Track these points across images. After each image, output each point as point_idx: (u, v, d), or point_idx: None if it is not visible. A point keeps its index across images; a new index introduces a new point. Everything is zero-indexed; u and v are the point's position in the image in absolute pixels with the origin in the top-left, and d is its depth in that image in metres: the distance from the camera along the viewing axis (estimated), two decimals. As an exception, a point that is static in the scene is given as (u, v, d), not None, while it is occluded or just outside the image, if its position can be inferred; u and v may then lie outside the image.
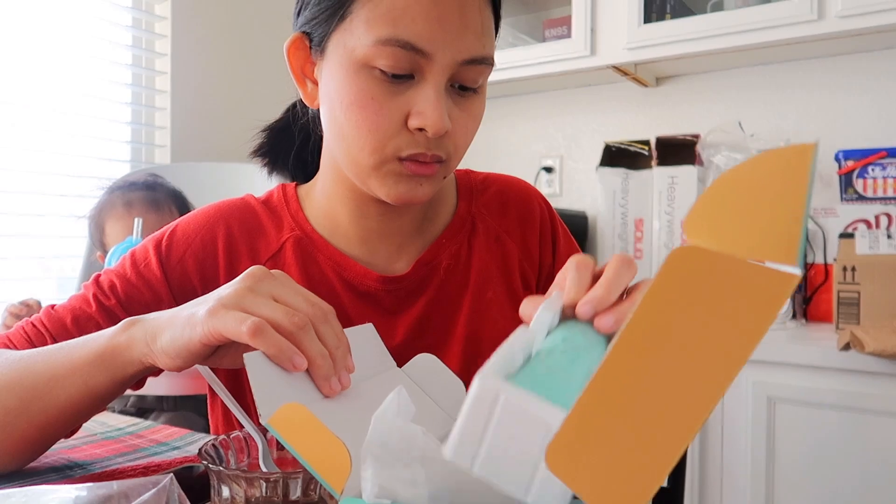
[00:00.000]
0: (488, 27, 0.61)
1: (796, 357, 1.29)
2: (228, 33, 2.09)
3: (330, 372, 0.46)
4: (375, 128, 0.59)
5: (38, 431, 0.57)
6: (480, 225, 0.75)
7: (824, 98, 1.77)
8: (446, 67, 0.58)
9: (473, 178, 0.78)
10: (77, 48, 1.77)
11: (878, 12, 1.45)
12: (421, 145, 0.59)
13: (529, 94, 2.19)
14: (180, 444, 0.71)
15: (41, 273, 1.74)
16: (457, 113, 0.61)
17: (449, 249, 0.72)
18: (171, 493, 0.44)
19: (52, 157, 1.73)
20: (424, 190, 0.63)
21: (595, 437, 0.27)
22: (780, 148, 0.27)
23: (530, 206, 0.77)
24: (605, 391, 0.27)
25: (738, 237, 0.27)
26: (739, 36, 1.61)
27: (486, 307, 0.72)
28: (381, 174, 0.62)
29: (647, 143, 1.89)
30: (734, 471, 1.36)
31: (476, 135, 0.68)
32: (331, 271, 0.70)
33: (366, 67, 0.58)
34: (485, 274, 0.73)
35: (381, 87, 0.58)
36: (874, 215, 1.59)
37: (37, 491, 0.44)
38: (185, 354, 0.51)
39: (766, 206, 0.27)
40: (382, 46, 0.57)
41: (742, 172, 0.27)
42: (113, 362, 0.54)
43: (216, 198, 1.21)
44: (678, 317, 0.27)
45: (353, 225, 0.70)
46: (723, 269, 0.27)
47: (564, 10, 1.90)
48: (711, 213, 0.28)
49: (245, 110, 2.11)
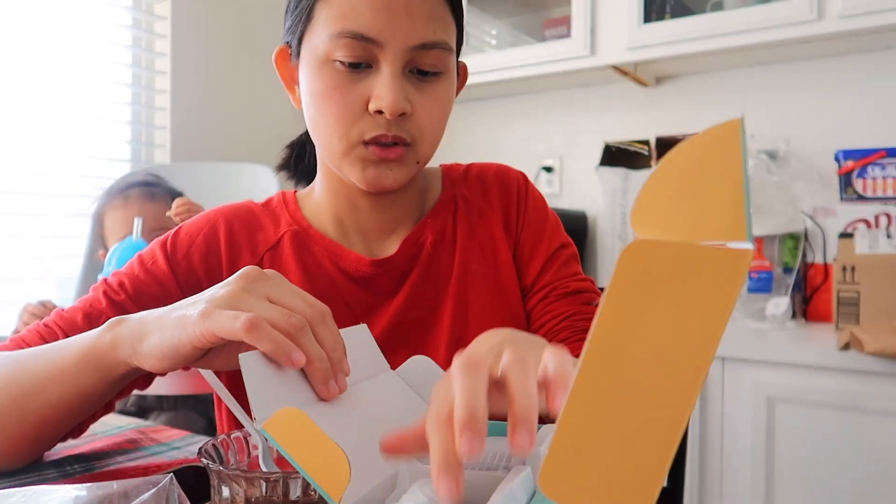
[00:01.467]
0: (439, 14, 0.64)
1: (796, 357, 1.29)
2: (228, 33, 2.09)
3: (328, 375, 0.45)
4: (340, 115, 0.64)
5: (33, 430, 0.57)
6: (462, 204, 0.78)
7: (824, 98, 1.77)
8: (399, 53, 0.63)
9: (456, 168, 0.82)
10: (77, 48, 1.77)
11: (878, 12, 1.45)
12: (382, 127, 0.64)
13: (529, 94, 2.19)
14: (180, 444, 0.71)
15: (41, 273, 1.74)
16: (418, 97, 0.65)
17: (433, 227, 0.75)
18: (171, 493, 0.44)
19: (52, 157, 1.73)
20: (395, 175, 0.66)
21: (585, 453, 0.27)
22: (709, 129, 0.26)
23: (508, 181, 0.80)
24: (585, 405, 0.27)
25: (684, 223, 0.27)
26: (739, 36, 1.61)
27: (472, 278, 0.74)
28: (350, 160, 0.66)
29: (646, 142, 1.90)
30: (734, 471, 1.36)
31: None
32: (326, 260, 0.73)
33: (328, 62, 0.64)
34: (469, 247, 0.75)
35: (342, 78, 0.64)
36: (874, 215, 1.59)
37: (37, 491, 0.44)
38: (174, 356, 0.50)
39: (707, 187, 0.26)
40: (337, 39, 0.63)
41: (676, 159, 0.27)
42: (100, 363, 0.54)
43: (216, 198, 1.21)
44: (642, 315, 0.27)
45: (348, 217, 0.74)
46: (676, 258, 0.26)
47: (564, 10, 1.90)
48: (655, 203, 0.27)
49: (245, 110, 2.12)
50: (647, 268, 0.26)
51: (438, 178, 0.81)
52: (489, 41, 2.18)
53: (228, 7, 2.09)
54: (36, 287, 1.72)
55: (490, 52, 2.07)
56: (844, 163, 1.65)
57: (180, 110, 1.96)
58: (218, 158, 1.98)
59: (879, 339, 1.20)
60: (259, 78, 2.15)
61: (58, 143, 1.74)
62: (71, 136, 1.77)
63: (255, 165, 1.73)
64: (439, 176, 0.81)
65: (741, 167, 0.26)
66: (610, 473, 0.27)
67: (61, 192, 1.74)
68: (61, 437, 0.61)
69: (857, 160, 1.63)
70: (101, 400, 0.58)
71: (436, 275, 0.74)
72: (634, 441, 0.26)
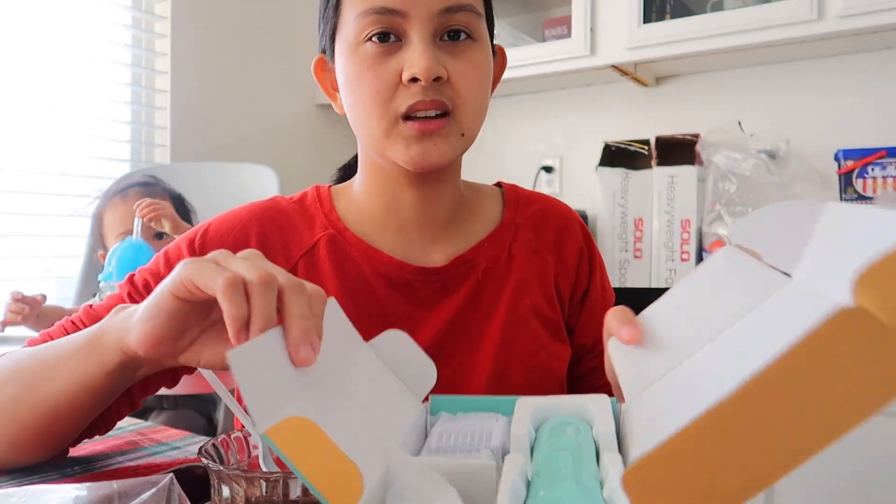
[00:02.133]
0: None
1: (796, 357, 1.29)
2: (228, 33, 2.09)
3: (305, 337, 0.41)
4: (375, 92, 0.63)
5: (44, 422, 0.57)
6: (522, 236, 0.75)
7: (824, 98, 1.77)
8: (425, 21, 0.62)
9: (521, 192, 0.80)
10: (77, 48, 1.77)
11: (878, 12, 1.45)
12: (418, 94, 0.62)
13: (529, 93, 2.19)
14: (180, 444, 0.71)
15: (41, 273, 1.74)
16: (452, 62, 0.64)
17: (489, 253, 0.73)
18: (171, 493, 0.44)
19: (52, 157, 1.73)
20: (440, 150, 0.64)
21: (681, 468, 0.28)
22: None
23: (570, 225, 0.78)
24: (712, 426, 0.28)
25: None
26: (739, 36, 1.61)
27: (524, 315, 0.72)
28: (392, 140, 0.64)
29: (646, 142, 1.89)
30: (734, 470, 1.36)
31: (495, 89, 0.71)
32: (366, 265, 0.70)
33: (358, 45, 0.64)
34: (524, 283, 0.73)
35: (374, 56, 0.63)
36: (874, 215, 1.58)
37: (36, 490, 0.44)
38: (155, 313, 0.48)
39: None
40: (364, 18, 0.63)
41: None
42: (95, 350, 0.53)
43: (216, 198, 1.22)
44: (816, 371, 0.27)
45: (388, 216, 0.72)
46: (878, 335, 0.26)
47: (564, 10, 1.90)
48: (888, 277, 0.26)
49: (245, 110, 2.12)
50: (850, 334, 0.26)
51: (498, 199, 0.78)
52: (489, 41, 2.18)
53: (228, 7, 2.09)
54: (36, 287, 1.72)
55: (490, 51, 2.07)
56: (844, 163, 1.65)
57: (180, 110, 1.96)
58: (218, 158, 1.98)
59: (879, 339, 1.19)
60: (259, 78, 2.15)
61: (58, 142, 1.74)
62: (71, 135, 1.77)
63: (255, 165, 1.73)
64: (499, 197, 0.78)
65: None
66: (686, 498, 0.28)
67: (61, 192, 1.74)
68: (75, 432, 0.60)
69: (857, 160, 1.63)
70: (103, 394, 0.56)
71: (482, 303, 0.72)
72: (725, 477, 0.27)
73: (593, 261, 0.79)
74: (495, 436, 0.43)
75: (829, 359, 0.26)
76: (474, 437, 0.43)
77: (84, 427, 0.60)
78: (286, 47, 2.25)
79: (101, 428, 0.64)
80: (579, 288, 0.77)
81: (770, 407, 0.27)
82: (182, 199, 1.50)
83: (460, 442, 0.43)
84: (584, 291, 0.77)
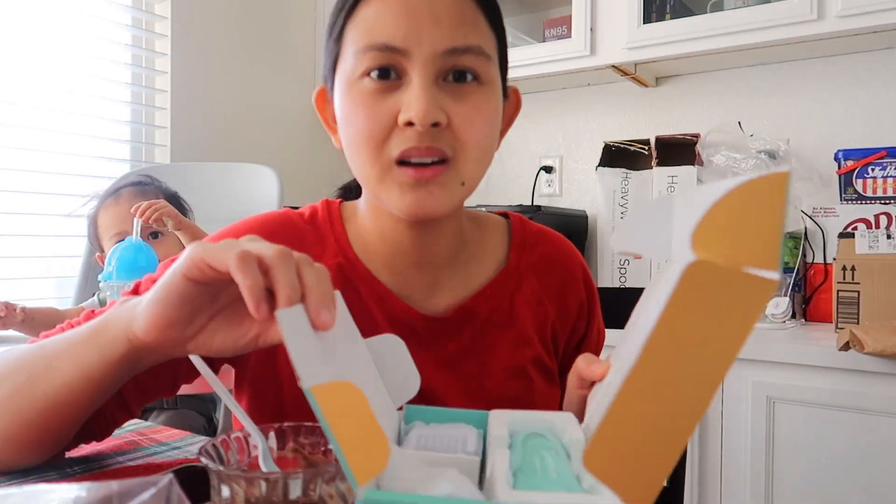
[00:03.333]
0: (469, 18, 0.61)
1: (796, 357, 1.29)
2: (228, 33, 2.09)
3: (321, 304, 0.43)
4: (370, 133, 0.60)
5: (39, 416, 0.56)
6: (526, 285, 0.73)
7: (824, 98, 1.77)
8: (427, 61, 0.59)
9: (528, 229, 0.77)
10: (77, 48, 1.77)
11: (878, 12, 1.45)
12: (413, 139, 0.59)
13: (529, 93, 2.19)
14: (180, 444, 0.71)
15: (41, 273, 1.74)
16: (454, 106, 0.60)
17: (491, 302, 0.71)
18: (171, 493, 0.43)
19: (52, 157, 1.73)
20: (437, 199, 0.60)
21: (622, 437, 0.33)
22: (762, 175, 0.33)
23: (574, 274, 0.77)
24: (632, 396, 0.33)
25: (732, 251, 0.32)
26: (739, 36, 1.61)
27: (523, 366, 0.71)
28: (387, 185, 0.61)
29: (646, 142, 1.89)
30: (734, 470, 1.36)
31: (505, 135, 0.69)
32: (372, 303, 0.68)
33: (357, 81, 0.61)
34: (524, 333, 0.72)
35: (371, 93, 0.60)
36: (874, 215, 1.59)
37: (36, 490, 0.44)
38: (166, 298, 0.48)
39: (753, 224, 0.32)
40: (364, 54, 0.60)
41: (735, 195, 0.33)
42: (100, 339, 0.53)
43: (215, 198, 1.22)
44: (691, 322, 0.32)
45: (388, 255, 0.69)
46: (723, 277, 0.32)
47: (564, 10, 1.90)
48: (712, 231, 0.33)
49: (245, 110, 2.12)
50: (702, 282, 0.32)
51: (503, 236, 0.76)
52: (489, 41, 2.18)
53: (228, 7, 2.09)
54: (36, 287, 1.72)
55: (490, 51, 2.07)
56: (844, 163, 1.65)
57: (180, 110, 1.96)
58: (218, 158, 1.98)
59: (879, 339, 1.20)
60: (259, 78, 2.15)
61: (58, 142, 1.74)
62: (71, 135, 1.77)
63: (255, 165, 1.73)
64: (504, 232, 0.76)
65: (782, 213, 0.32)
66: (637, 458, 0.33)
67: (61, 192, 1.74)
68: (72, 430, 0.59)
69: (857, 160, 1.63)
70: (104, 386, 0.56)
71: (480, 350, 0.71)
72: (657, 432, 0.33)
73: (592, 309, 0.78)
74: (470, 442, 0.45)
75: (694, 308, 0.33)
76: (451, 441, 0.45)
77: (79, 425, 0.60)
78: (286, 47, 2.25)
79: (96, 434, 0.63)
80: (576, 335, 0.77)
81: (667, 358, 0.33)
82: (178, 198, 1.49)
83: (437, 444, 0.45)
84: (580, 338, 0.77)
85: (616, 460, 0.33)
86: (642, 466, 0.33)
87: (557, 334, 0.76)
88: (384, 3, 0.60)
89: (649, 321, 0.34)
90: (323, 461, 0.50)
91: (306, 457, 0.50)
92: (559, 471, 0.38)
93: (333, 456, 0.49)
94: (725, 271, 0.32)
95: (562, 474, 0.38)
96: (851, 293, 1.41)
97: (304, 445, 0.50)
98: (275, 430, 0.50)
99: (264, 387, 0.70)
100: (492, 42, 0.63)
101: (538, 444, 0.42)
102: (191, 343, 0.51)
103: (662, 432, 0.33)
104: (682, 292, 0.32)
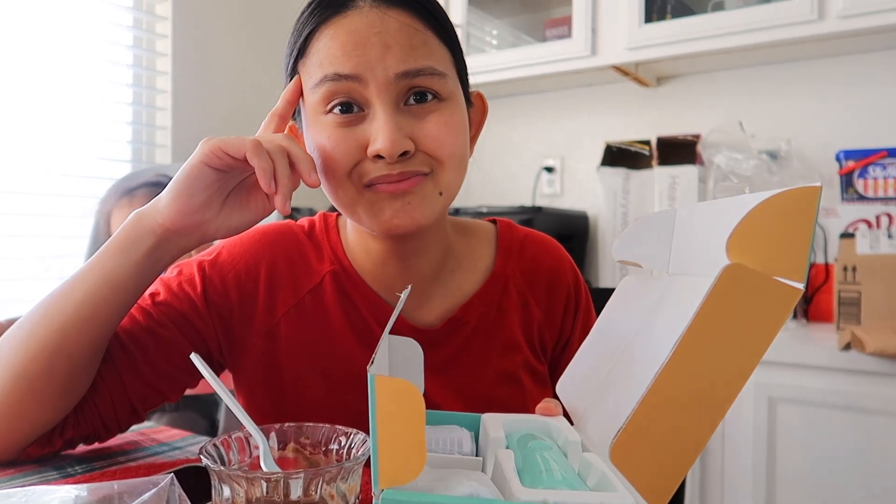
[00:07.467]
0: (419, 41, 0.60)
1: (797, 357, 1.29)
2: (229, 33, 2.09)
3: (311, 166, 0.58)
4: (338, 166, 0.61)
5: (57, 336, 0.59)
6: (513, 288, 0.74)
7: (825, 98, 1.77)
8: (383, 86, 0.59)
9: (515, 234, 0.77)
10: (78, 48, 1.77)
11: (879, 12, 1.45)
12: (383, 169, 0.60)
13: (530, 94, 2.19)
14: (182, 444, 0.71)
15: (41, 273, 1.74)
16: (421, 128, 0.60)
17: (479, 310, 0.72)
18: (171, 493, 0.44)
19: (53, 157, 1.73)
20: (417, 209, 0.61)
21: (649, 433, 0.35)
22: (794, 189, 0.35)
23: (561, 276, 0.77)
24: (663, 391, 0.34)
25: (765, 259, 0.35)
26: (740, 36, 1.61)
27: (514, 372, 0.72)
28: (362, 207, 0.62)
29: (647, 143, 1.89)
30: (735, 470, 1.36)
31: (476, 140, 0.68)
32: (367, 312, 0.69)
33: (319, 115, 0.62)
34: (513, 339, 0.73)
35: (336, 127, 0.61)
36: (875, 215, 1.59)
37: (37, 491, 0.44)
38: (185, 183, 0.57)
39: (783, 234, 0.35)
40: (320, 87, 0.61)
41: (767, 206, 0.35)
42: (123, 243, 0.60)
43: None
44: (722, 323, 0.34)
45: (376, 270, 0.70)
46: (755, 281, 0.34)
47: (565, 10, 1.90)
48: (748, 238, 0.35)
49: (246, 110, 2.12)
50: (737, 284, 0.34)
51: (490, 243, 0.76)
52: (490, 41, 2.18)
53: (229, 7, 2.09)
54: (36, 287, 1.72)
55: (491, 52, 2.07)
56: (845, 163, 1.65)
57: (181, 110, 1.96)
58: (219, 158, 1.98)
59: (880, 339, 1.20)
60: (260, 78, 2.16)
61: (59, 143, 1.74)
62: (72, 136, 1.77)
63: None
64: (492, 239, 0.76)
65: (811, 225, 0.35)
66: (658, 455, 0.35)
67: (62, 192, 1.74)
68: (89, 358, 0.60)
69: (858, 160, 1.63)
70: (130, 290, 0.60)
71: (470, 358, 0.71)
72: (681, 430, 0.35)
73: (578, 309, 0.78)
74: (465, 444, 0.46)
75: (728, 308, 0.34)
76: (446, 443, 0.46)
77: (97, 356, 0.61)
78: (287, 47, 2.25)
79: (101, 435, 0.64)
80: (563, 337, 0.77)
81: (699, 357, 0.34)
82: None
83: (433, 446, 0.45)
84: (566, 341, 0.78)
85: (641, 456, 0.34)
86: (664, 464, 0.34)
87: (545, 335, 0.76)
88: (333, 37, 0.60)
89: (678, 321, 0.35)
90: (324, 461, 0.50)
91: (307, 457, 0.50)
92: (563, 471, 0.39)
93: (334, 456, 0.49)
94: (759, 275, 0.34)
95: (566, 474, 0.38)
96: (852, 293, 1.41)
97: (306, 446, 0.51)
98: (276, 430, 0.50)
99: (263, 389, 0.70)
100: (445, 57, 0.63)
101: (536, 446, 0.43)
102: (212, 225, 0.60)
103: (686, 431, 0.34)
104: (718, 293, 0.34)
